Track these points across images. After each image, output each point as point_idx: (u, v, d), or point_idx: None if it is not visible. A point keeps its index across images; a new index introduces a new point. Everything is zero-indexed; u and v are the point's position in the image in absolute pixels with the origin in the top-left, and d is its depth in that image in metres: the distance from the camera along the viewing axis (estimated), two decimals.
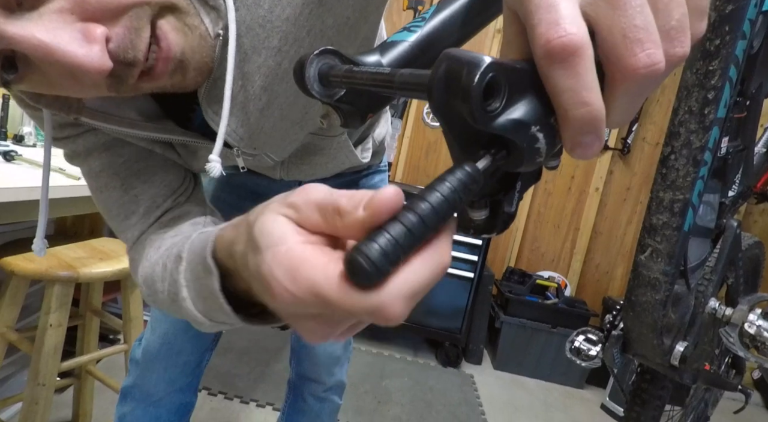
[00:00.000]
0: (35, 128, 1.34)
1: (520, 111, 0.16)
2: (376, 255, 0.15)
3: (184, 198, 0.44)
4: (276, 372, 1.73)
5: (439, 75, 0.16)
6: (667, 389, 0.70)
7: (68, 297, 0.97)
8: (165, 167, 0.44)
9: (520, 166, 0.17)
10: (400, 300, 0.17)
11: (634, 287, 0.53)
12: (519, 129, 0.16)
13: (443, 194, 0.16)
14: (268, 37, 0.36)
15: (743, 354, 0.46)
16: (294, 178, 0.58)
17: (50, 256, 1.01)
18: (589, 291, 2.47)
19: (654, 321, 0.53)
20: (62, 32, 0.26)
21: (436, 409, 1.71)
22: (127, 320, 1.14)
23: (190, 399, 0.75)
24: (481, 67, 0.15)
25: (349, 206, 0.18)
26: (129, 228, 0.43)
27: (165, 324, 0.69)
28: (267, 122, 0.41)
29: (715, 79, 0.38)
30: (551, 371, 2.11)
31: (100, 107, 0.38)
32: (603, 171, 2.38)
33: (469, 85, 0.15)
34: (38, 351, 0.93)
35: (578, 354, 0.65)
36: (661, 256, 0.46)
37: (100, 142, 0.42)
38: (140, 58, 0.29)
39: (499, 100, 0.16)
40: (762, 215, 2.32)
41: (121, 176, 0.42)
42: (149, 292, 0.40)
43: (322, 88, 0.26)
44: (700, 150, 0.40)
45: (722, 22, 0.38)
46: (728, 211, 0.65)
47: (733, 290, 0.70)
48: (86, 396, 1.23)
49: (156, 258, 0.39)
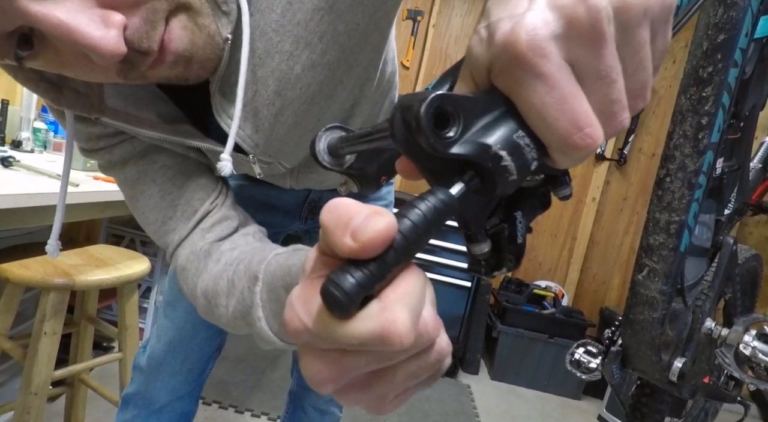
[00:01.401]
0: (33, 133, 1.34)
1: (479, 134, 0.17)
2: (350, 287, 0.15)
3: (221, 201, 0.45)
4: (272, 380, 1.72)
5: (396, 116, 0.17)
6: (666, 403, 0.70)
7: (63, 305, 0.96)
8: (199, 172, 0.44)
9: (496, 187, 0.17)
10: (406, 313, 0.16)
11: (632, 305, 0.53)
12: (480, 150, 0.16)
13: (416, 224, 0.16)
14: (281, 41, 0.37)
15: (739, 375, 0.46)
16: (304, 186, 0.59)
17: (45, 263, 1.01)
18: (586, 301, 2.47)
19: (652, 338, 0.53)
20: (82, 15, 0.28)
21: (433, 419, 1.69)
22: (123, 328, 1.13)
23: (192, 407, 0.75)
24: (427, 98, 0.16)
25: (330, 224, 0.17)
26: (168, 233, 0.43)
27: (171, 331, 0.69)
28: (281, 128, 0.42)
29: (708, 105, 0.39)
30: (548, 381, 2.11)
31: (122, 107, 0.39)
32: (600, 181, 2.39)
33: (418, 116, 0.16)
34: (31, 360, 0.92)
35: (578, 366, 0.65)
36: (658, 276, 0.47)
37: (135, 150, 0.43)
38: (154, 48, 0.31)
39: (454, 128, 0.16)
40: (757, 226, 2.34)
41: (157, 183, 0.43)
42: (207, 305, 0.40)
43: (332, 158, 0.27)
44: (695, 173, 0.40)
45: (714, 50, 0.39)
46: (724, 228, 0.65)
47: (730, 304, 0.71)
48: (79, 405, 1.21)
49: (218, 272, 0.39)
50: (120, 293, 1.12)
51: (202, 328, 0.69)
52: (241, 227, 0.44)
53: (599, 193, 2.40)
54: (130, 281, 1.09)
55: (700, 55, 0.40)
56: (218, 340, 0.73)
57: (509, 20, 0.17)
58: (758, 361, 0.44)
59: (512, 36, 0.17)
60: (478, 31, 0.19)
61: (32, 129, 1.33)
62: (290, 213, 0.70)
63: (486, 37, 0.18)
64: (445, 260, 2.02)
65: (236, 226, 0.44)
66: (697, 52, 0.40)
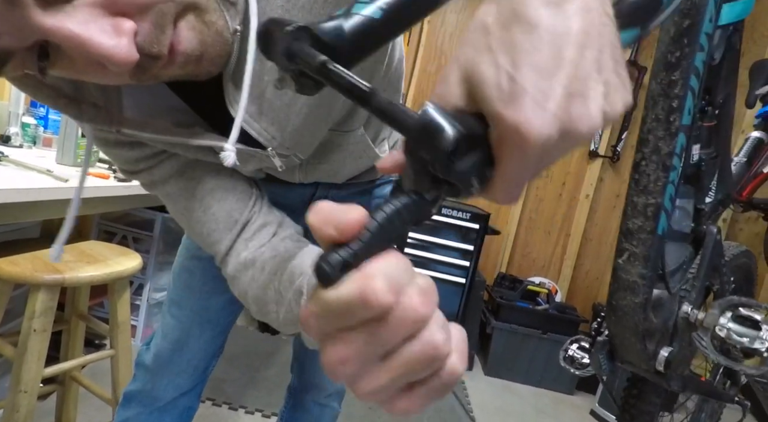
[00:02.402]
0: (22, 128, 1.34)
1: (469, 163, 0.20)
2: (334, 260, 0.18)
3: (258, 208, 0.47)
4: (266, 378, 1.71)
5: (418, 131, 0.20)
6: (656, 401, 0.70)
7: (53, 302, 0.95)
8: (234, 182, 0.47)
9: (456, 197, 0.21)
10: (381, 277, 0.18)
11: (614, 291, 0.54)
12: (465, 177, 0.20)
13: (386, 211, 0.19)
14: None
15: (714, 357, 0.47)
16: (313, 179, 0.59)
17: (35, 259, 1.00)
18: (579, 297, 2.48)
19: (635, 324, 0.54)
20: (93, 25, 0.28)
21: (427, 415, 1.70)
22: (114, 325, 1.13)
23: (194, 403, 0.76)
24: (453, 138, 0.19)
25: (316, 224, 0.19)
26: (214, 244, 0.46)
27: (177, 330, 0.70)
28: (296, 119, 0.42)
29: (677, 88, 0.40)
30: (542, 377, 2.12)
31: (139, 115, 0.40)
32: (593, 178, 2.41)
33: (442, 151, 0.19)
34: (21, 357, 0.92)
35: (572, 362, 0.66)
36: (638, 259, 0.48)
37: (174, 169, 0.45)
38: (164, 52, 0.31)
39: (458, 158, 0.20)
40: (747, 223, 2.36)
41: (197, 198, 0.45)
42: (260, 311, 0.45)
43: (287, 62, 0.26)
44: (669, 155, 0.41)
45: (681, 35, 0.40)
46: (707, 217, 0.66)
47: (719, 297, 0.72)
48: (70, 403, 1.21)
49: (264, 281, 0.43)
50: (111, 289, 1.11)
51: (209, 327, 0.70)
52: (279, 230, 0.47)
53: (592, 190, 2.42)
54: (122, 277, 1.08)
55: (668, 40, 0.41)
56: (222, 337, 0.74)
57: (534, 107, 0.18)
58: (733, 342, 0.45)
59: (532, 132, 0.18)
60: (500, 68, 0.19)
61: (21, 124, 1.32)
62: (296, 211, 0.70)
63: (508, 94, 0.18)
64: (439, 257, 2.02)
65: (275, 231, 0.46)
66: (665, 38, 0.42)
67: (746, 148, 0.87)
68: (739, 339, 0.45)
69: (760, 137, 0.84)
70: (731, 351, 0.48)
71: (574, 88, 0.19)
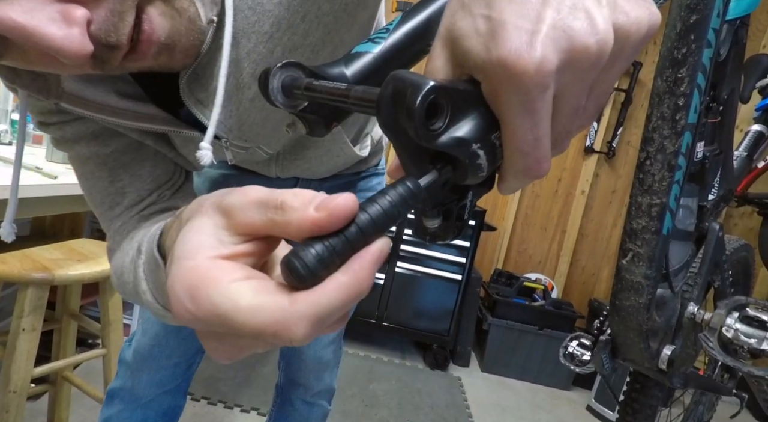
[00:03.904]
0: (11, 125, 1.31)
1: (463, 129, 0.17)
2: (311, 260, 0.16)
3: (170, 193, 0.44)
4: (261, 375, 1.71)
5: (385, 95, 0.17)
6: (657, 397, 0.70)
7: (42, 300, 0.94)
8: (154, 161, 0.43)
9: (465, 179, 0.18)
10: (305, 322, 0.16)
11: (617, 291, 0.53)
12: (461, 146, 0.17)
13: (383, 207, 0.17)
14: (258, 22, 0.35)
15: (722, 358, 0.47)
16: (290, 175, 0.57)
17: (24, 257, 0.98)
18: (575, 293, 2.49)
19: (639, 324, 0.53)
20: (40, 14, 0.25)
21: (424, 412, 1.70)
22: (106, 324, 1.11)
23: (179, 402, 0.74)
24: (423, 89, 0.16)
25: (295, 202, 0.17)
26: (113, 219, 0.43)
27: (157, 326, 0.68)
28: (258, 114, 0.40)
29: (684, 86, 0.39)
30: (538, 372, 2.13)
31: (80, 91, 0.37)
32: (589, 174, 2.41)
33: (413, 107, 0.16)
34: (10, 357, 0.90)
35: (572, 359, 0.65)
36: (642, 260, 0.47)
37: (89, 131, 0.41)
38: (123, 41, 0.28)
39: (441, 119, 0.17)
40: (742, 217, 2.38)
41: (108, 167, 0.41)
42: (119, 283, 0.39)
43: (286, 99, 0.26)
44: (674, 155, 0.40)
45: (687, 31, 0.38)
46: (710, 214, 0.65)
47: (720, 293, 0.71)
48: (62, 403, 1.19)
49: (127, 249, 0.38)
50: (102, 288, 1.10)
51: None
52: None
53: (588, 186, 2.42)
54: None
55: (675, 36, 0.40)
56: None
57: (517, 34, 0.16)
58: (741, 343, 0.45)
59: (520, 62, 0.16)
60: (474, 15, 0.17)
61: (10, 121, 1.30)
62: None
63: (486, 35, 0.16)
64: (436, 254, 2.02)
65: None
66: (671, 34, 0.40)
67: (746, 142, 0.86)
68: (747, 340, 0.44)
69: (760, 131, 0.83)
70: (738, 352, 0.47)
71: (564, 2, 0.16)
